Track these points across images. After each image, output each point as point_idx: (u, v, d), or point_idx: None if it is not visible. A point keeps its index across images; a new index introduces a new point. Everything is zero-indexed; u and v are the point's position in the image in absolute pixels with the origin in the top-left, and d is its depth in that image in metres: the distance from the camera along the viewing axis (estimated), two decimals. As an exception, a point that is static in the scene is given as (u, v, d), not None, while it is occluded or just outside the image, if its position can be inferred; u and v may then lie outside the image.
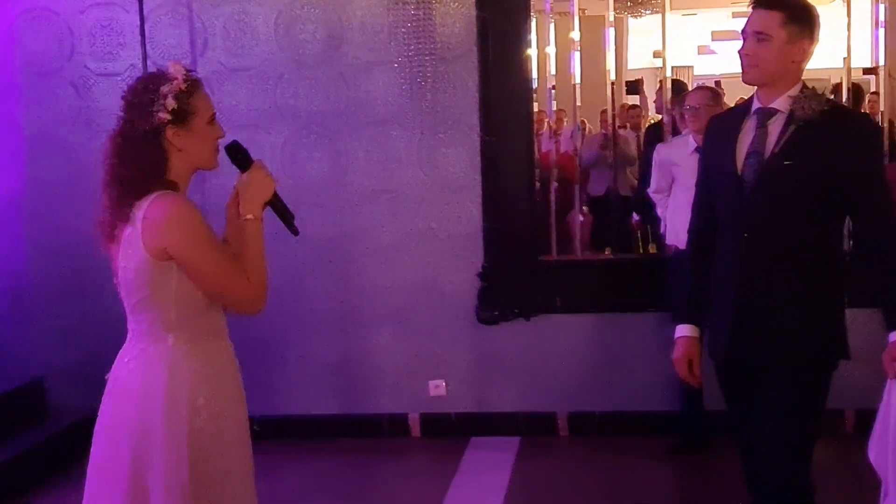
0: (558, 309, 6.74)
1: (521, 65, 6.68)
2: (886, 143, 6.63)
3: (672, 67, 7.61)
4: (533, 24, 6.75)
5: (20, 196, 6.96)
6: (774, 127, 3.56)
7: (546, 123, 7.40)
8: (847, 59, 6.86)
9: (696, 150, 5.84)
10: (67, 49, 6.84)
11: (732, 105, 4.88)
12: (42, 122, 6.92)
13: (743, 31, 3.59)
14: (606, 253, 7.61)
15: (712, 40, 8.66)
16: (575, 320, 6.75)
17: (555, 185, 7.22)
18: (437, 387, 6.84)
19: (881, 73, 7.21)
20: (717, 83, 7.81)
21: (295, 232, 3.33)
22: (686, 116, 6.20)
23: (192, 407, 3.01)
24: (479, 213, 6.73)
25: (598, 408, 6.75)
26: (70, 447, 6.49)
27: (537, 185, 6.92)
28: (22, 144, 6.95)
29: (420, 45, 6.65)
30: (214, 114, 3.12)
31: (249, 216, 3.09)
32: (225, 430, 3.11)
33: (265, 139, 6.77)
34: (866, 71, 7.41)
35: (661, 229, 6.41)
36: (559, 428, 6.81)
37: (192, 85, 3.04)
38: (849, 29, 6.80)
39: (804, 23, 3.52)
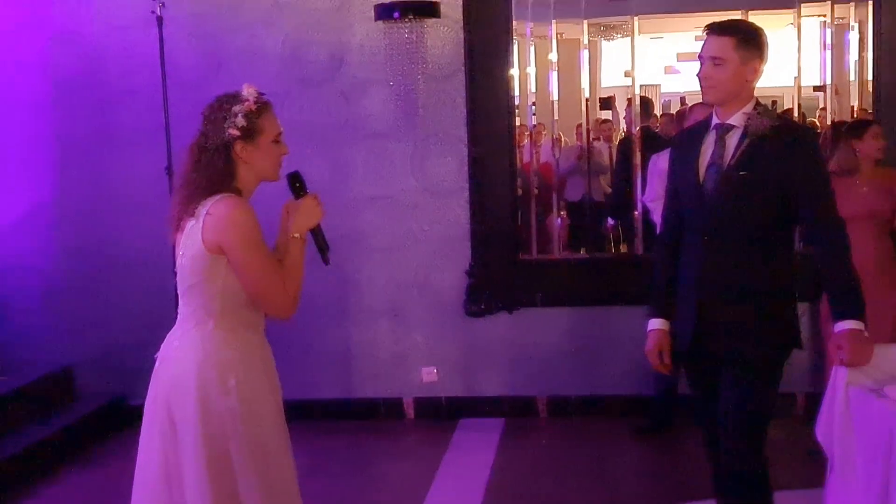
0: (538, 303, 6.81)
1: (504, 83, 6.73)
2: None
3: (641, 86, 7.58)
4: (515, 46, 6.75)
5: (50, 203, 7.04)
6: (731, 140, 3.60)
7: (527, 136, 7.42)
8: (798, 79, 6.91)
9: None
10: (93, 69, 6.88)
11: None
12: (70, 137, 6.98)
13: (700, 56, 3.62)
14: (582, 252, 7.53)
15: (677, 61, 8.64)
16: (553, 313, 6.82)
17: (535, 191, 7.15)
18: (430, 373, 6.93)
19: (828, 90, 7.33)
20: (683, 100, 7.86)
21: (327, 262, 3.36)
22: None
23: (223, 387, 3.03)
24: (467, 217, 6.80)
25: (574, 392, 6.83)
26: (96, 429, 6.62)
27: (519, 191, 6.97)
28: (53, 157, 7.04)
29: (413, 66, 6.65)
30: (280, 133, 3.22)
31: (297, 235, 3.18)
32: (257, 413, 3.10)
33: (275, 150, 6.91)
34: (816, 88, 7.47)
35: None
36: (539, 410, 6.89)
37: (262, 106, 3.15)
38: (799, 52, 6.86)
39: (754, 45, 3.58)
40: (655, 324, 3.88)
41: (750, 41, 3.58)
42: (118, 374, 6.95)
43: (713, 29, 3.63)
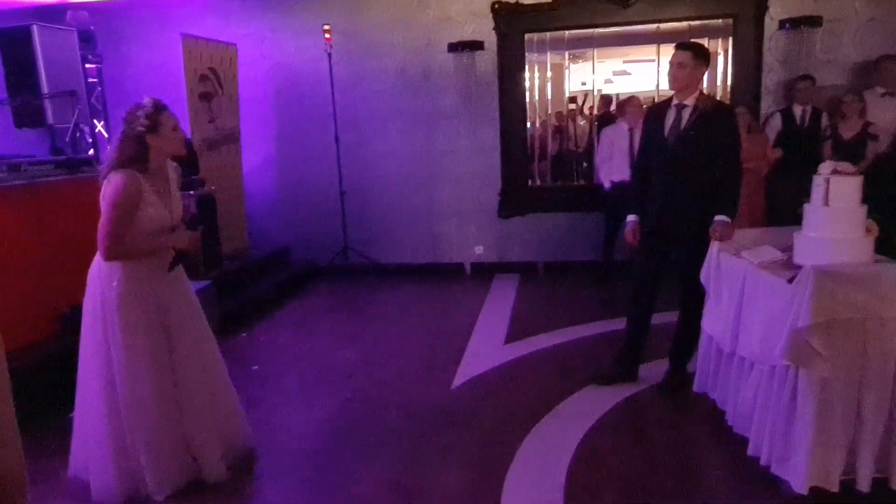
0: (538, 210, 6.71)
1: (520, 88, 6.57)
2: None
3: (596, 90, 7.55)
4: (526, 67, 6.64)
5: (274, 155, 6.99)
6: (685, 113, 3.43)
7: (532, 117, 7.28)
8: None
9: (629, 130, 5.78)
10: (294, 88, 6.80)
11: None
12: (284, 118, 6.89)
13: (670, 63, 3.40)
14: (560, 183, 7.48)
15: (613, 75, 8.38)
16: (546, 217, 6.71)
17: (536, 148, 7.16)
18: (479, 249, 6.85)
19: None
20: (618, 96, 7.53)
21: (170, 270, 2.77)
22: (625, 112, 5.95)
23: (115, 282, 2.67)
24: (499, 162, 6.67)
25: (558, 259, 6.73)
26: (299, 281, 6.60)
27: (528, 148, 6.81)
28: (272, 131, 6.95)
29: (469, 78, 6.55)
30: (176, 123, 2.71)
31: (170, 245, 2.75)
32: (133, 300, 2.69)
33: (393, 126, 6.74)
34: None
35: (603, 182, 6.00)
36: (539, 270, 6.79)
37: (158, 109, 2.66)
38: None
39: (703, 57, 3.38)
40: (632, 218, 3.67)
41: (699, 55, 3.37)
42: (311, 250, 6.98)
43: (679, 46, 3.38)
